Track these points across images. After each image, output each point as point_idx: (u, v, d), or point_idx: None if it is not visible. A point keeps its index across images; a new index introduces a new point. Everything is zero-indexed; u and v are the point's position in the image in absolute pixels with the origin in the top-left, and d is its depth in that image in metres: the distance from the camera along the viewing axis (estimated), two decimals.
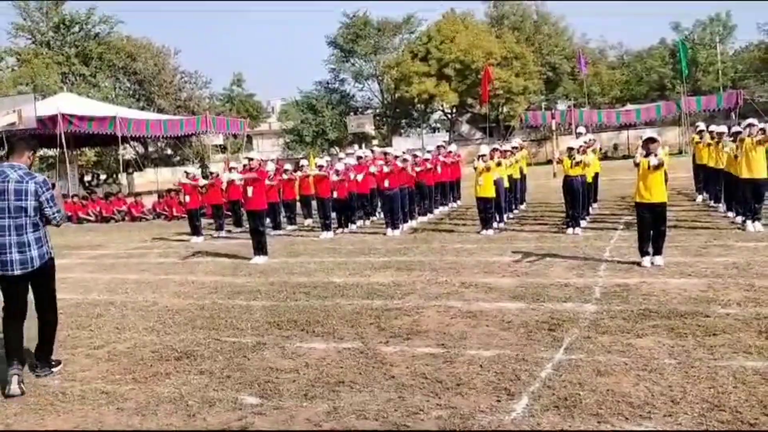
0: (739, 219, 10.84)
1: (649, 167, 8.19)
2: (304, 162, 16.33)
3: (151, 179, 37.20)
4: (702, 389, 4.29)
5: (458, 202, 17.89)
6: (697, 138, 14.36)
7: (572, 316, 6.27)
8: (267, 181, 14.50)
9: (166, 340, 6.45)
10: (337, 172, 13.70)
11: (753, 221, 10.24)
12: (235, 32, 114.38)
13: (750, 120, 10.69)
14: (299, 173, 15.41)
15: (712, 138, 12.87)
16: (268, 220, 15.06)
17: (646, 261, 8.26)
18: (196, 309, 7.70)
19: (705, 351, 5.01)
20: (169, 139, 34.64)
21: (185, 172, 15.84)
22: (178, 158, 42.24)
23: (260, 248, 10.79)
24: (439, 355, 5.42)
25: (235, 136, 33.60)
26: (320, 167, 14.18)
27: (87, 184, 31.46)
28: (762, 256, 8.26)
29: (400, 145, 38.86)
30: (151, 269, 11.00)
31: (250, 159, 10.90)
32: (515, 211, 14.84)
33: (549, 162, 31.94)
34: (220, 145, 42.29)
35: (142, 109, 37.79)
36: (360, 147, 44.35)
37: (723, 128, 12.75)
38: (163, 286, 9.32)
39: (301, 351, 5.82)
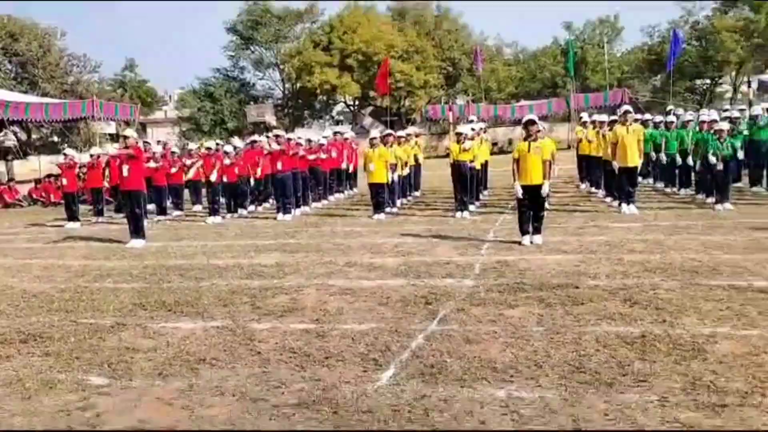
0: (616, 203, 11.32)
1: (529, 150, 8.33)
2: (192, 146, 15.61)
3: (35, 167, 34.73)
4: (565, 353, 4.31)
5: (355, 189, 17.75)
6: (580, 129, 14.92)
7: (450, 290, 6.24)
8: (153, 164, 13.87)
9: (15, 323, 5.87)
10: (227, 155, 13.19)
11: (628, 204, 10.71)
12: (129, 17, 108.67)
13: (626, 107, 11.16)
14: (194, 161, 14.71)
15: (594, 127, 13.40)
16: (153, 206, 14.40)
17: (526, 240, 8.41)
18: (56, 292, 7.09)
19: (572, 319, 5.08)
20: (54, 125, 32.43)
21: (64, 153, 14.77)
22: (65, 146, 39.70)
23: (137, 231, 10.17)
24: (312, 330, 5.21)
25: (127, 123, 31.94)
26: (208, 149, 13.57)
27: None
28: (634, 235, 8.61)
29: (303, 136, 38.33)
30: (15, 254, 10.11)
31: (126, 137, 10.21)
32: (409, 198, 14.87)
33: (447, 155, 32.44)
34: (112, 134, 40.12)
35: (25, 92, 35.14)
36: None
37: (604, 117, 13.30)
38: (25, 270, 8.56)
39: (164, 331, 5.44)
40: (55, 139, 41.60)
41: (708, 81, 43.20)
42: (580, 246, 8.05)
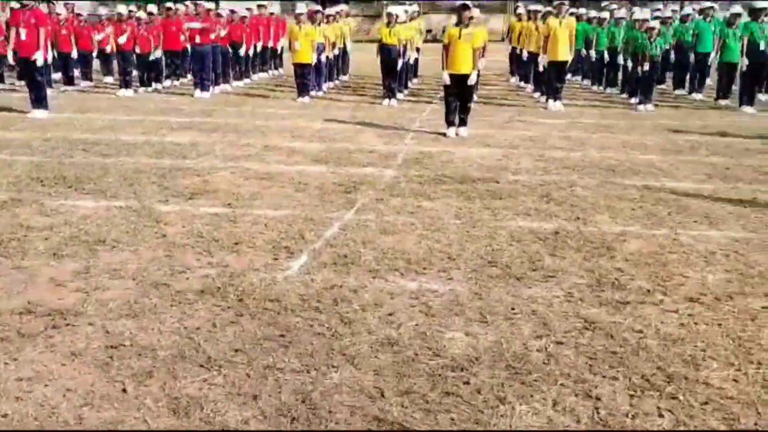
0: (543, 98, 11.29)
1: (459, 36, 8.02)
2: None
3: None
4: (479, 247, 4.30)
5: (280, 69, 16.95)
6: (514, 20, 14.58)
7: (371, 180, 6.09)
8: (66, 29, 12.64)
9: None
10: (138, 21, 12.16)
11: (555, 100, 10.69)
12: None
13: None
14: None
15: (529, 18, 13.08)
16: (59, 75, 13.29)
17: (451, 132, 8.29)
18: None
19: (489, 213, 5.06)
20: None
21: None
22: None
23: (39, 101, 9.38)
24: (223, 215, 4.99)
25: None
26: (119, 15, 12.43)
27: None
28: (557, 132, 8.63)
29: (231, 6, 36.09)
30: None
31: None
32: (336, 81, 14.35)
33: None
34: None
35: None
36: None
37: (539, 6, 12.96)
38: None
39: (63, 209, 5.08)
40: None
41: None
42: (504, 140, 8.01)
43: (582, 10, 14.83)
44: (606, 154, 7.21)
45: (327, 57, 12.84)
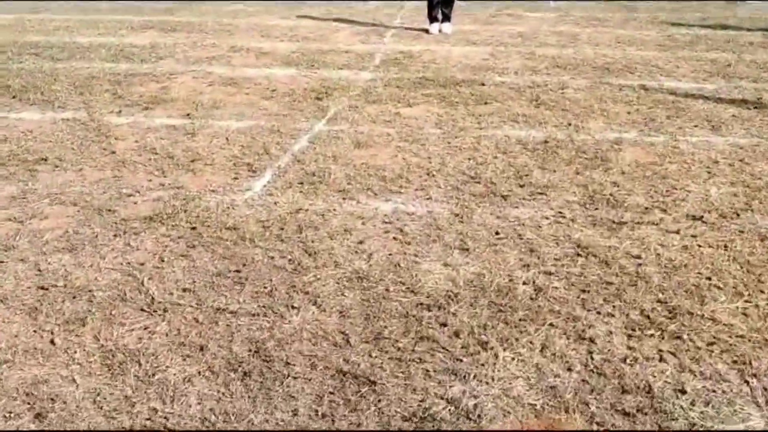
0: None
1: None
2: None
3: None
4: (461, 161, 3.91)
5: None
6: None
7: (345, 84, 5.59)
8: None
9: None
10: None
11: None
12: None
13: None
14: None
15: None
16: None
17: (434, 28, 7.68)
18: None
19: (473, 120, 4.63)
20: None
21: None
22: None
23: None
24: (180, 127, 4.52)
25: None
26: None
27: None
28: (548, 26, 8.03)
29: None
30: None
31: None
32: None
33: None
34: None
35: None
36: None
37: None
38: None
39: (4, 123, 4.60)
40: None
41: None
42: (491, 37, 7.43)
43: None
44: (600, 51, 6.69)
45: None
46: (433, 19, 7.71)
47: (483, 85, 5.50)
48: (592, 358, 2.16)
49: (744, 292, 2.54)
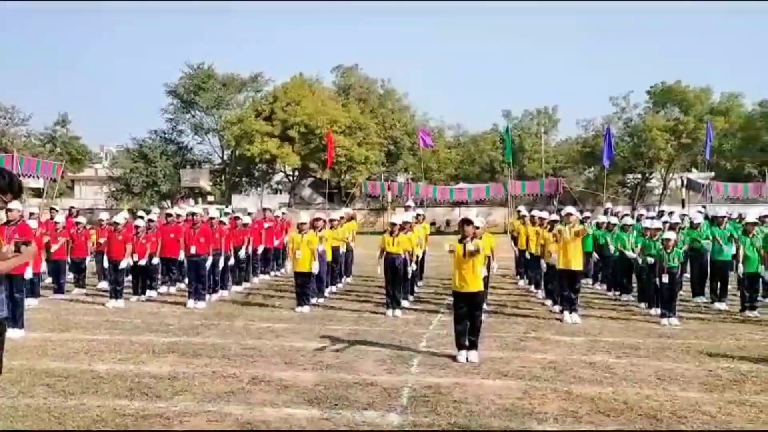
0: (557, 308, 10.59)
1: (464, 254, 7.49)
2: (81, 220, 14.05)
3: None
4: None
5: (282, 270, 16.55)
6: (517, 222, 14.46)
7: (371, 429, 5.15)
8: (59, 241, 12.38)
9: None
10: (136, 230, 11.89)
11: (570, 312, 9.97)
12: (66, 72, 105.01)
13: (569, 208, 10.60)
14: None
15: (533, 223, 12.88)
16: (50, 279, 12.79)
17: (462, 356, 7.43)
18: None
19: None
20: None
21: None
22: None
23: (15, 320, 8.68)
24: None
25: (54, 180, 29.95)
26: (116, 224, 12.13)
27: None
28: (578, 354, 7.78)
29: (239, 204, 37.00)
30: None
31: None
32: (339, 285, 13.80)
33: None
34: (35, 188, 38.01)
35: None
36: (195, 202, 41.75)
37: (544, 214, 12.77)
38: None
39: None
40: None
41: (639, 176, 44.64)
42: (522, 368, 7.12)
43: (587, 214, 14.70)
44: (642, 391, 6.28)
45: (329, 262, 12.39)
46: (460, 346, 7.53)
47: None
48: None
49: None
